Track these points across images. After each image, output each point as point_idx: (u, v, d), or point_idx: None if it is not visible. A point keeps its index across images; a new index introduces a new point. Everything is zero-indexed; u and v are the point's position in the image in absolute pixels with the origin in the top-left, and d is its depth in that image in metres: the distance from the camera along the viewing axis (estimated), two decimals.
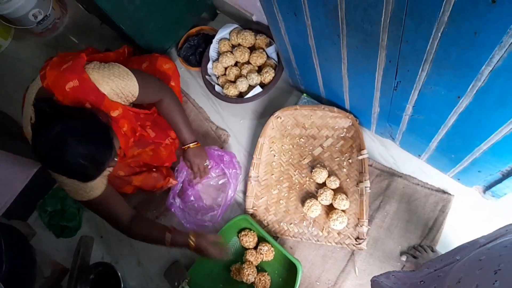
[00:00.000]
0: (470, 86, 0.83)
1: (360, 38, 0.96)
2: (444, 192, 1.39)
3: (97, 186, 1.22)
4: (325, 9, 0.96)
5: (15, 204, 1.75)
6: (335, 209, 1.43)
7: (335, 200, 1.43)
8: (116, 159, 1.14)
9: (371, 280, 1.03)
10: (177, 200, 1.57)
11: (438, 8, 0.69)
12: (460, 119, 0.98)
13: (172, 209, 1.55)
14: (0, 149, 1.62)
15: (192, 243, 1.33)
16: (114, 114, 1.22)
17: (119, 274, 1.56)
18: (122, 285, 1.55)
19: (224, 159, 1.60)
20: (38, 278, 1.56)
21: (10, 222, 1.72)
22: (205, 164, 1.54)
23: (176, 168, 1.64)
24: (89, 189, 1.20)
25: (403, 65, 0.94)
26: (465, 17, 0.67)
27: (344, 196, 1.43)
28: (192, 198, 1.63)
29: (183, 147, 1.49)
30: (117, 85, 1.20)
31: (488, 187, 1.27)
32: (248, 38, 1.68)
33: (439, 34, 0.75)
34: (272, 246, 1.47)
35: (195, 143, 1.48)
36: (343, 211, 1.43)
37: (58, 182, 1.21)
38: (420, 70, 0.90)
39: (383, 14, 0.81)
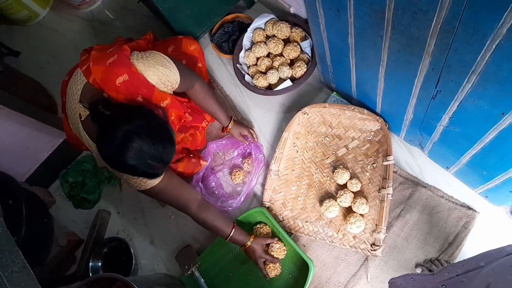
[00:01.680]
0: None
1: (404, 42, 0.93)
2: (469, 208, 1.35)
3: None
4: (371, 9, 0.93)
5: (38, 172, 1.80)
6: (354, 212, 1.41)
7: (354, 203, 1.41)
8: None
9: (389, 282, 1.02)
10: (201, 185, 1.58)
11: (497, 19, 0.65)
12: (500, 136, 0.94)
13: (198, 189, 1.56)
14: (30, 116, 1.65)
15: (246, 247, 1.41)
16: (164, 104, 1.23)
17: (132, 251, 1.59)
18: (134, 262, 1.58)
19: (256, 144, 1.61)
20: (54, 247, 1.60)
21: (32, 188, 1.77)
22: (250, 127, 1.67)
23: (201, 154, 1.65)
24: (145, 180, 1.18)
25: (447, 74, 0.90)
26: None
27: (364, 200, 1.40)
28: (213, 184, 1.63)
29: (225, 129, 1.57)
30: (163, 74, 1.20)
31: None
32: (283, 30, 1.65)
33: (493, 47, 0.71)
34: (284, 245, 1.46)
35: (231, 120, 1.56)
36: (362, 215, 1.40)
37: (117, 173, 1.19)
38: (465, 81, 0.86)
39: (435, 20, 0.78)
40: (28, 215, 1.48)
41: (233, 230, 1.36)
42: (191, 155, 1.58)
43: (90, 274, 1.62)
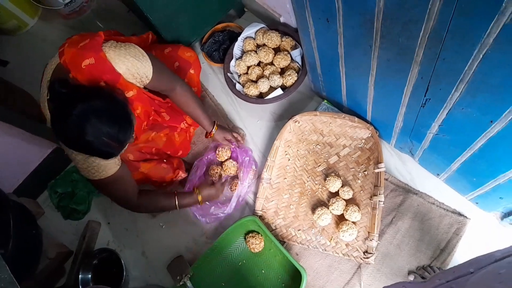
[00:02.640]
0: (507, 112, 0.80)
1: (393, 51, 0.94)
2: (460, 214, 1.36)
3: (111, 166, 1.21)
4: (361, 19, 0.94)
5: (27, 182, 1.76)
6: (346, 220, 1.41)
7: (346, 211, 1.41)
8: (133, 136, 1.16)
9: None
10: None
11: (484, 29, 0.66)
12: (490, 143, 0.95)
13: None
14: (18, 127, 1.62)
15: (200, 199, 1.48)
16: (129, 95, 1.23)
17: (123, 262, 1.56)
18: (124, 274, 1.55)
19: (242, 148, 1.61)
20: (43, 259, 1.57)
21: (20, 199, 1.73)
22: (232, 129, 1.71)
23: (195, 162, 1.64)
24: (102, 169, 1.19)
25: (436, 83, 0.91)
26: None
27: (356, 208, 1.40)
28: None
29: (209, 134, 1.58)
30: (132, 65, 1.20)
31: (507, 214, 1.24)
32: (274, 39, 1.66)
33: (481, 56, 0.72)
34: (262, 240, 1.49)
35: (215, 125, 1.57)
36: (354, 223, 1.41)
37: (72, 159, 1.20)
38: (454, 90, 0.87)
39: (423, 29, 0.79)
40: (16, 227, 1.45)
41: (176, 199, 1.42)
42: (164, 160, 1.56)
43: (80, 287, 1.59)
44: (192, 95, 1.45)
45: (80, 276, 1.59)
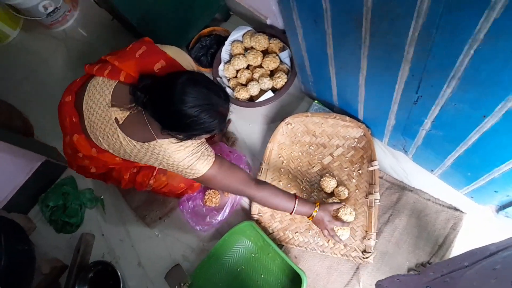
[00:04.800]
0: (499, 106, 0.80)
1: (383, 49, 0.93)
2: (456, 209, 1.36)
3: (204, 161, 1.14)
4: (348, 18, 0.93)
5: (16, 197, 1.73)
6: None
7: (338, 212, 1.37)
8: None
9: (375, 285, 1.01)
10: (190, 203, 1.55)
11: (474, 24, 0.66)
12: (483, 138, 0.95)
13: (181, 207, 1.53)
14: (4, 141, 1.59)
15: (313, 215, 1.30)
16: None
17: (119, 274, 1.54)
18: (121, 286, 1.52)
19: (234, 155, 1.59)
20: (37, 275, 1.54)
21: (11, 215, 1.70)
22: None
23: None
24: (201, 166, 1.13)
25: (427, 80, 0.91)
26: (504, 36, 0.64)
27: (348, 210, 1.36)
28: (200, 202, 1.60)
29: (211, 138, 1.60)
30: (189, 61, 1.23)
31: (502, 207, 1.24)
32: (261, 41, 1.65)
33: (472, 52, 0.72)
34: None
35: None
36: (348, 223, 1.39)
37: (171, 164, 1.13)
38: (445, 86, 0.87)
39: (412, 27, 0.78)
40: (8, 244, 1.42)
41: (296, 203, 1.27)
42: None
43: None
44: None
45: None
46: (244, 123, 1.73)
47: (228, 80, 1.73)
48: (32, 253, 1.56)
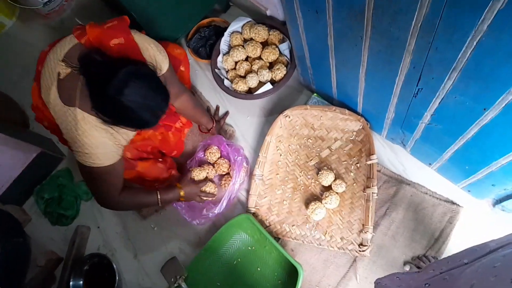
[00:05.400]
0: (500, 99, 0.80)
1: (384, 42, 0.93)
2: (453, 203, 1.37)
3: (111, 156, 1.17)
4: (351, 10, 0.92)
5: (11, 189, 1.71)
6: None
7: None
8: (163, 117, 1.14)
9: (374, 282, 1.01)
10: None
11: (478, 16, 0.65)
12: (482, 131, 0.95)
13: (174, 204, 1.52)
14: (1, 133, 1.57)
15: (182, 196, 1.43)
16: None
17: (115, 266, 1.53)
18: (117, 278, 1.52)
19: (232, 147, 1.58)
20: (32, 267, 1.53)
21: (5, 207, 1.68)
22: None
23: (187, 162, 1.62)
24: (102, 157, 1.14)
25: (428, 72, 0.90)
26: (508, 28, 0.63)
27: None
28: None
29: (209, 130, 1.64)
30: (154, 53, 1.22)
31: (499, 201, 1.25)
32: (261, 33, 1.64)
33: (474, 44, 0.72)
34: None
35: (213, 120, 1.64)
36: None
37: (75, 140, 1.12)
38: (447, 79, 0.87)
39: (415, 19, 0.78)
40: (2, 236, 1.41)
41: (158, 194, 1.37)
42: (160, 160, 1.53)
43: None
44: (195, 100, 1.51)
45: (71, 283, 1.55)
46: (242, 116, 1.72)
47: (227, 71, 1.72)
48: (27, 245, 1.55)
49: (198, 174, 1.53)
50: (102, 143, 1.12)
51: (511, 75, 0.72)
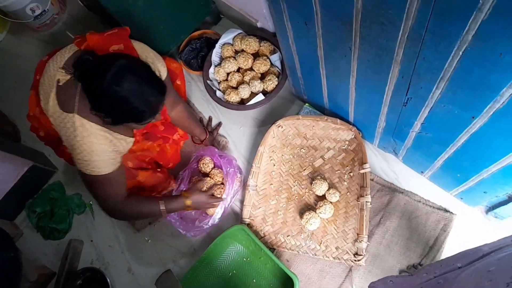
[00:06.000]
0: (487, 107, 0.81)
1: (373, 52, 0.94)
2: (446, 210, 1.37)
3: (110, 163, 1.16)
4: (339, 21, 0.93)
5: (2, 203, 1.69)
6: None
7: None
8: (160, 113, 1.15)
9: (368, 287, 1.01)
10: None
11: (463, 26, 0.67)
12: (472, 139, 0.96)
13: (168, 217, 1.50)
14: None
15: (189, 205, 1.38)
16: None
17: (108, 280, 1.51)
18: None
19: (224, 159, 1.57)
20: (23, 282, 1.50)
21: None
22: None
23: (180, 173, 1.61)
24: (102, 164, 1.14)
25: (417, 82, 0.92)
26: (492, 38, 0.65)
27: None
28: None
29: (202, 141, 1.64)
30: (153, 61, 1.23)
31: (491, 208, 1.26)
32: (252, 44, 1.65)
33: (460, 53, 0.73)
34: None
35: (206, 131, 1.65)
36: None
37: (76, 149, 1.11)
38: (435, 88, 0.88)
39: (401, 29, 0.79)
40: None
41: (162, 204, 1.33)
42: (158, 170, 1.53)
43: None
44: (190, 110, 1.53)
45: None
46: (235, 126, 1.72)
47: (219, 83, 1.73)
48: (19, 260, 1.52)
49: (204, 167, 1.57)
50: (101, 150, 1.11)
51: (497, 84, 0.74)
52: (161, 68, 1.27)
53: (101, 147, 1.11)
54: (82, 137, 1.08)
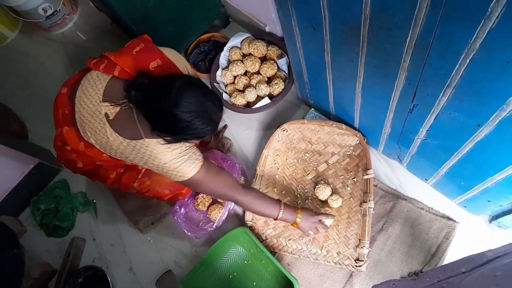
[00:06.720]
0: (494, 115, 0.81)
1: (380, 58, 0.95)
2: (449, 218, 1.37)
3: (191, 161, 1.13)
4: (347, 26, 0.94)
5: (8, 200, 1.71)
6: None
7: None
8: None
9: None
10: (182, 210, 1.53)
11: (470, 34, 0.67)
12: (477, 147, 0.96)
13: (175, 217, 1.51)
14: (0, 143, 1.57)
15: (298, 222, 1.33)
16: None
17: (109, 279, 1.52)
18: None
19: (228, 163, 1.57)
20: (26, 279, 1.51)
21: (1, 217, 1.67)
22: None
23: None
24: (186, 168, 1.12)
25: (423, 88, 0.92)
26: (500, 46, 0.65)
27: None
28: (193, 207, 1.59)
29: (208, 144, 1.64)
30: (184, 63, 1.24)
31: (494, 217, 1.25)
32: (260, 48, 1.66)
33: (468, 61, 0.73)
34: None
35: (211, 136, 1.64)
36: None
37: (161, 167, 1.11)
38: (441, 95, 0.88)
39: (409, 36, 0.80)
40: None
41: (281, 209, 1.29)
42: None
43: None
44: None
45: None
46: (240, 129, 1.73)
47: (226, 86, 1.74)
48: (22, 256, 1.53)
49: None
50: (179, 153, 1.11)
51: (504, 92, 0.74)
52: (189, 68, 1.29)
53: (178, 151, 1.10)
54: (161, 154, 1.09)
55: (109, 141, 1.11)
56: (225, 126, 1.74)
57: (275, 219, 1.31)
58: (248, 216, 1.52)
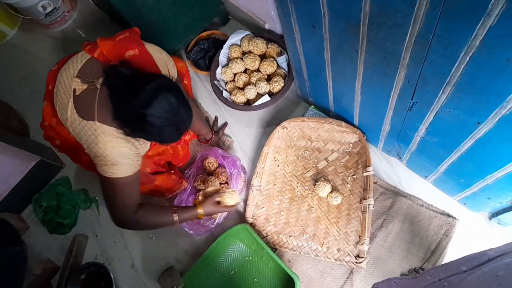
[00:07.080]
0: (493, 113, 0.81)
1: (380, 55, 0.95)
2: (449, 215, 1.37)
3: (129, 167, 1.13)
4: (346, 24, 0.94)
5: (10, 197, 1.71)
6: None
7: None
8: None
9: (372, 287, 1.01)
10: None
11: (470, 32, 0.67)
12: (477, 145, 0.96)
13: None
14: (1, 141, 1.58)
15: (201, 214, 1.33)
16: None
17: (112, 276, 1.53)
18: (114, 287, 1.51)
19: (228, 160, 1.58)
20: (28, 276, 1.52)
21: (3, 215, 1.68)
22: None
23: (185, 171, 1.63)
24: (121, 168, 1.11)
25: (423, 86, 0.92)
26: (500, 43, 0.65)
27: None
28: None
29: (208, 141, 1.65)
30: (166, 62, 1.23)
31: (494, 214, 1.26)
32: (259, 45, 1.66)
33: (467, 58, 0.73)
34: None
35: (212, 134, 1.64)
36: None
37: (95, 151, 1.10)
38: (441, 93, 0.88)
39: (409, 33, 0.80)
40: None
41: (175, 215, 1.28)
42: (172, 171, 1.54)
43: None
44: (197, 110, 1.51)
45: None
46: (240, 127, 1.73)
47: (226, 83, 1.74)
48: (24, 253, 1.54)
49: (210, 166, 1.59)
50: (123, 153, 1.11)
51: (503, 90, 0.74)
52: (172, 69, 1.27)
53: (123, 150, 1.10)
54: (104, 142, 1.08)
55: (67, 116, 1.11)
56: (225, 124, 1.74)
57: (177, 223, 1.29)
58: (249, 213, 1.52)
